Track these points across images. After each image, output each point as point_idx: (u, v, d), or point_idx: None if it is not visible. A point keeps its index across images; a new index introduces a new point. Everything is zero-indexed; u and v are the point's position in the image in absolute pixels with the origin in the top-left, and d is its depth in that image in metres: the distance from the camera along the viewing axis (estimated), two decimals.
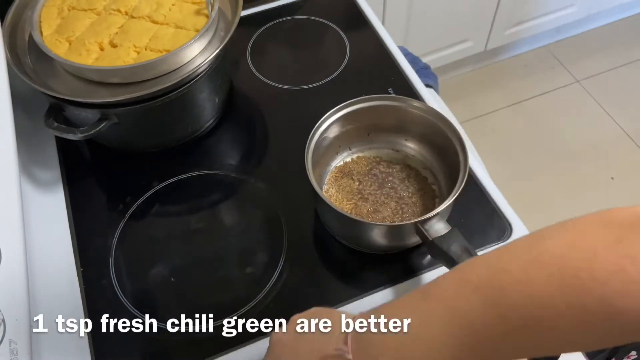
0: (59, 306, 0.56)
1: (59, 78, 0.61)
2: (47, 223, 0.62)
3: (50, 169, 0.67)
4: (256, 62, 0.78)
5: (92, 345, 0.53)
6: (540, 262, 0.32)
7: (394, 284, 0.56)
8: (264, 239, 0.60)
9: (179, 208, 0.64)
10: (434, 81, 0.95)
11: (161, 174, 0.66)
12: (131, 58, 0.59)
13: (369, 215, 0.59)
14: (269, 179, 0.65)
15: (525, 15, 1.68)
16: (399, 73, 0.75)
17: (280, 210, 0.62)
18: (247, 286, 0.57)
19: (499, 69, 1.88)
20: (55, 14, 0.64)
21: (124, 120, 0.60)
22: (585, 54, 1.91)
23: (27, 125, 0.70)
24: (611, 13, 1.94)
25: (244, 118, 0.73)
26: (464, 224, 0.58)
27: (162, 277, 0.58)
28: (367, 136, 0.64)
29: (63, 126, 0.59)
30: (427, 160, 0.63)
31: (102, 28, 0.62)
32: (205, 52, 0.62)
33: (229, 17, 0.66)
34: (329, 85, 0.75)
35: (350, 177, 0.62)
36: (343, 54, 0.78)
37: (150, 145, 0.69)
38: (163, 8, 0.64)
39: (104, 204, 0.65)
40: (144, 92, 0.57)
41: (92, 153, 0.70)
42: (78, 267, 0.59)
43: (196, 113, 0.67)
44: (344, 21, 0.83)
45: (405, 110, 0.60)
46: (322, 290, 0.56)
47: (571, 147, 1.66)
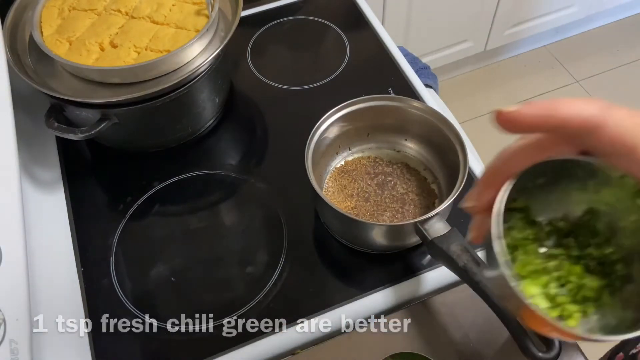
0: (60, 306, 0.56)
1: (60, 78, 0.61)
2: (48, 223, 0.62)
3: (51, 169, 0.67)
4: (256, 62, 0.78)
5: (92, 345, 0.54)
6: None
7: (394, 284, 0.56)
8: (264, 239, 0.61)
9: (179, 208, 0.64)
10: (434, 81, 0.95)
11: (161, 174, 0.66)
12: (131, 58, 0.59)
13: (369, 215, 0.59)
14: (269, 179, 0.65)
15: (524, 16, 1.68)
16: (399, 73, 0.75)
17: (280, 210, 0.62)
18: (247, 286, 0.57)
19: (498, 69, 1.88)
20: (55, 15, 0.64)
21: (124, 120, 0.60)
22: (585, 54, 1.91)
23: (28, 125, 0.70)
24: (611, 13, 1.94)
25: (244, 118, 0.73)
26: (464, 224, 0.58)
27: (162, 277, 0.58)
28: (367, 136, 0.64)
29: (63, 126, 0.59)
30: (427, 160, 0.63)
31: (103, 28, 0.62)
32: (206, 52, 0.62)
33: (229, 17, 0.66)
34: (329, 85, 0.75)
35: (350, 177, 0.62)
36: (343, 54, 0.78)
37: (151, 145, 0.69)
38: (163, 8, 0.64)
39: (105, 203, 0.65)
40: (144, 92, 0.57)
41: (93, 153, 0.70)
42: (78, 267, 0.59)
43: (196, 113, 0.67)
44: (344, 21, 0.83)
45: (405, 110, 0.61)
46: (322, 290, 0.56)
47: None
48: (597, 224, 0.32)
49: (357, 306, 0.55)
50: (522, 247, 0.32)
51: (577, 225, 0.32)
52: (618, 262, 0.31)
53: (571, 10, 1.74)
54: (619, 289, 0.31)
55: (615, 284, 0.31)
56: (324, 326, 0.54)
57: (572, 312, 0.30)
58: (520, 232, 0.32)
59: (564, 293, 0.31)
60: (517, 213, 0.32)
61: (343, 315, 0.55)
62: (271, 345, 0.53)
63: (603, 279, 0.31)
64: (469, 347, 0.51)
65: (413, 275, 0.57)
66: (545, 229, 0.33)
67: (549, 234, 0.33)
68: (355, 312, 0.55)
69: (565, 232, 0.33)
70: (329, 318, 0.54)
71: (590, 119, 0.27)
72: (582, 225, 0.32)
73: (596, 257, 0.31)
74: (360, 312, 0.55)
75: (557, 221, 0.33)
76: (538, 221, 0.33)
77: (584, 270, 0.31)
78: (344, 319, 0.55)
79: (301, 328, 0.54)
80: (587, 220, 0.32)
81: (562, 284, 0.31)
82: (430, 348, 0.51)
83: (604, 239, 0.31)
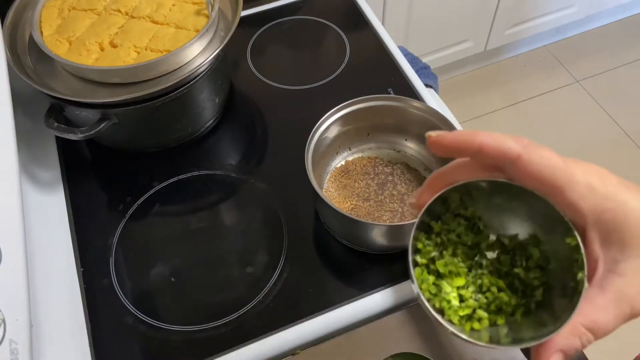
0: (59, 306, 0.56)
1: (60, 78, 0.61)
2: (47, 223, 0.62)
3: (51, 169, 0.67)
4: (256, 62, 0.78)
5: (92, 345, 0.54)
6: None
7: (394, 284, 0.56)
8: (264, 239, 0.60)
9: (179, 208, 0.64)
10: (434, 81, 0.95)
11: (161, 174, 0.66)
12: (131, 58, 0.59)
13: (369, 215, 0.59)
14: (269, 179, 0.65)
15: (525, 16, 1.68)
16: (399, 73, 0.75)
17: (280, 210, 0.62)
18: (247, 286, 0.57)
19: (498, 69, 1.88)
20: (55, 14, 0.64)
21: (124, 120, 0.60)
22: (585, 54, 1.91)
23: (28, 125, 0.70)
24: (611, 13, 1.94)
25: (244, 118, 0.73)
26: None
27: (162, 277, 0.58)
28: (367, 136, 0.64)
29: (63, 126, 0.59)
30: (427, 160, 0.63)
31: (103, 28, 0.62)
32: (206, 52, 0.62)
33: (229, 17, 0.66)
34: (329, 85, 0.75)
35: (350, 177, 0.62)
36: (343, 54, 0.78)
37: (151, 145, 0.69)
38: (163, 8, 0.64)
39: (104, 203, 0.65)
40: (144, 92, 0.57)
41: (93, 153, 0.70)
42: (78, 267, 0.59)
43: (196, 113, 0.67)
44: (344, 21, 0.83)
45: (405, 110, 0.61)
46: (322, 290, 0.56)
47: (571, 147, 1.66)
48: (532, 250, 0.35)
49: (357, 306, 0.55)
50: (453, 249, 0.36)
51: (519, 245, 0.36)
52: (539, 288, 0.34)
53: (571, 10, 1.74)
54: (532, 311, 0.34)
55: (530, 306, 0.34)
56: (324, 326, 0.54)
57: (480, 317, 0.34)
58: (459, 237, 0.36)
59: (478, 299, 0.34)
60: (463, 219, 0.36)
61: (343, 315, 0.55)
62: (271, 345, 0.53)
63: (521, 299, 0.34)
64: (469, 347, 0.50)
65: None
66: (489, 241, 0.36)
67: (492, 246, 0.36)
68: (355, 312, 0.55)
69: (508, 250, 0.36)
70: (329, 318, 0.54)
71: (508, 151, 0.30)
72: (521, 246, 0.36)
73: (521, 278, 0.35)
74: (360, 312, 0.55)
75: (504, 237, 0.36)
76: (484, 231, 0.36)
77: (508, 286, 0.35)
78: (344, 319, 0.55)
79: (301, 328, 0.54)
80: (526, 243, 0.35)
81: (483, 291, 0.35)
82: (430, 348, 0.51)
83: (534, 264, 0.35)
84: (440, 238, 0.36)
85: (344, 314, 0.55)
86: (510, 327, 0.33)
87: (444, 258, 0.35)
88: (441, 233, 0.36)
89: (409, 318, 0.53)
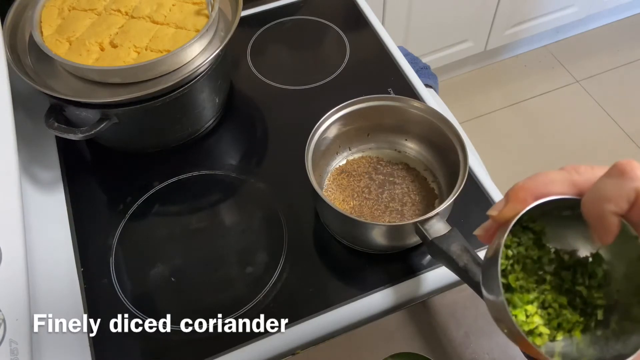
0: (59, 306, 0.56)
1: (60, 78, 0.61)
2: (48, 223, 0.62)
3: (51, 169, 0.67)
4: (256, 62, 0.78)
5: (92, 345, 0.54)
6: None
7: (394, 284, 0.56)
8: (264, 239, 0.61)
9: (179, 208, 0.64)
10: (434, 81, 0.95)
11: (161, 174, 0.66)
12: (131, 58, 0.59)
13: (369, 215, 0.59)
14: (269, 179, 0.65)
15: (524, 16, 1.68)
16: (399, 73, 0.75)
17: (280, 210, 0.62)
18: (247, 286, 0.57)
19: (498, 69, 1.88)
20: (55, 14, 0.64)
21: (124, 120, 0.60)
22: (585, 54, 1.91)
23: (28, 125, 0.70)
24: (611, 13, 1.94)
25: (244, 118, 0.73)
26: (464, 224, 0.58)
27: (162, 277, 0.58)
28: (367, 136, 0.64)
29: (63, 126, 0.59)
30: (427, 160, 0.63)
31: (103, 28, 0.62)
32: (206, 52, 0.62)
33: (229, 17, 0.66)
34: (329, 85, 0.75)
35: (350, 177, 0.62)
36: (343, 54, 0.78)
37: (151, 145, 0.69)
38: (163, 8, 0.64)
39: (105, 203, 0.65)
40: (144, 92, 0.57)
41: (93, 153, 0.70)
42: (78, 267, 0.59)
43: (196, 113, 0.67)
44: (344, 21, 0.83)
45: (405, 110, 0.61)
46: (322, 290, 0.56)
47: (571, 147, 1.66)
48: (597, 268, 0.34)
49: (357, 306, 0.55)
50: (522, 263, 0.35)
51: (578, 262, 0.35)
52: (600, 308, 0.34)
53: (571, 10, 1.74)
54: (592, 330, 0.34)
55: (590, 325, 0.34)
56: (324, 326, 0.54)
57: (542, 332, 0.33)
58: (526, 250, 0.35)
59: (541, 314, 0.34)
60: (531, 233, 0.35)
61: (343, 315, 0.55)
62: (271, 345, 0.53)
63: (582, 316, 0.34)
64: (469, 347, 0.51)
65: (413, 275, 0.57)
66: (550, 255, 0.35)
67: (552, 261, 0.35)
68: (355, 312, 0.55)
69: (567, 265, 0.35)
70: (329, 318, 0.54)
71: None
72: (583, 264, 0.35)
73: (583, 297, 0.34)
74: (360, 312, 0.55)
75: (563, 253, 0.35)
76: (547, 246, 0.35)
77: (569, 302, 0.34)
78: (344, 319, 0.55)
79: (301, 328, 0.54)
80: (589, 261, 0.35)
81: (545, 307, 0.34)
82: (430, 348, 0.51)
83: (596, 283, 0.34)
84: (511, 251, 0.34)
85: (344, 314, 0.55)
86: (569, 344, 0.33)
87: (515, 272, 0.34)
88: (511, 246, 0.35)
89: (409, 318, 0.53)
